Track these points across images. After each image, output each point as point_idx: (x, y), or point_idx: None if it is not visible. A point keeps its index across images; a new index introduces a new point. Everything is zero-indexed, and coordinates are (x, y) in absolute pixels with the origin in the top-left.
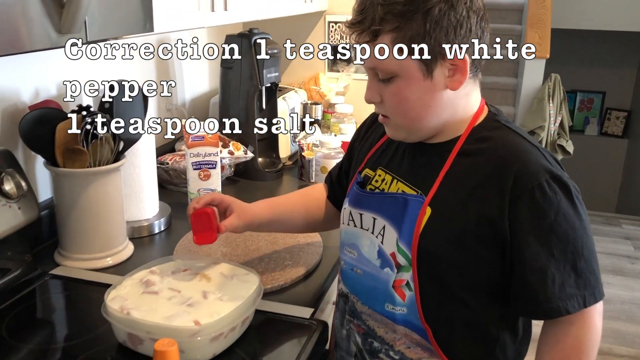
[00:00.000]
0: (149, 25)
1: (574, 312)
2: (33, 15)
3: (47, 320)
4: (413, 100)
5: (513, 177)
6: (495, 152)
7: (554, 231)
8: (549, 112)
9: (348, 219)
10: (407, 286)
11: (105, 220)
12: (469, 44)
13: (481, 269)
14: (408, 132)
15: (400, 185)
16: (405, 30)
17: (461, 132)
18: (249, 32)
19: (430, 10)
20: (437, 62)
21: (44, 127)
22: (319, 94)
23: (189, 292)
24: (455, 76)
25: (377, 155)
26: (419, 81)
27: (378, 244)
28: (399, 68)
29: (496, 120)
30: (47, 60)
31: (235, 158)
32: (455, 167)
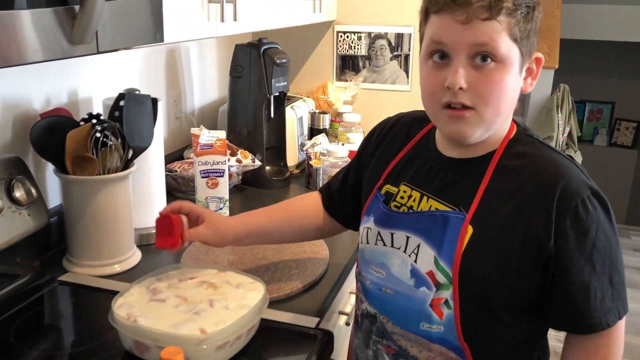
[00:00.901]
0: (159, 36)
1: (613, 325)
2: (45, 26)
3: (55, 327)
4: (509, 91)
5: (558, 194)
6: (536, 168)
7: (596, 246)
8: (557, 123)
9: (376, 238)
10: (446, 304)
11: (113, 227)
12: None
13: (522, 286)
14: (486, 128)
15: (433, 202)
16: (519, 19)
17: (495, 146)
18: (258, 42)
19: (536, 7)
20: (527, 60)
21: (55, 135)
22: (327, 103)
23: (196, 300)
24: (528, 79)
25: (397, 171)
26: (515, 73)
27: (411, 263)
28: (507, 53)
29: (529, 135)
30: (59, 68)
31: (243, 166)
32: (495, 184)
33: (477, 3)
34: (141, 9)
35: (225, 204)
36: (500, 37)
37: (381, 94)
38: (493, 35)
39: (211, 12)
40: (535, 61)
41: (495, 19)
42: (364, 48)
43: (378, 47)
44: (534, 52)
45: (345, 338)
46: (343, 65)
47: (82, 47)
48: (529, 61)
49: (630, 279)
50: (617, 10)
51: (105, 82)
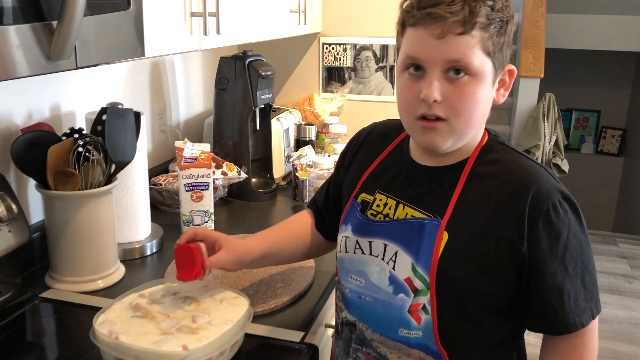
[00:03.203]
0: (140, 50)
1: (587, 325)
2: (22, 42)
3: (37, 344)
4: (482, 103)
5: (530, 199)
6: (508, 175)
7: (568, 249)
8: (544, 131)
9: (354, 247)
10: (424, 310)
11: (96, 242)
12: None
13: (498, 290)
14: (458, 139)
15: (409, 210)
16: (492, 33)
17: (468, 154)
18: (243, 54)
19: (509, 20)
20: (499, 72)
21: (36, 150)
22: (313, 114)
23: (178, 316)
24: (501, 90)
25: (372, 179)
26: (487, 86)
27: (389, 270)
28: (481, 66)
29: (500, 142)
30: (41, 82)
31: (228, 179)
32: (469, 191)
33: (452, 18)
34: (121, 24)
35: (210, 217)
36: (473, 51)
37: (367, 104)
38: (466, 50)
39: (194, 25)
40: (508, 73)
41: (469, 34)
42: (350, 59)
43: (363, 58)
44: (506, 65)
45: None
46: (329, 77)
47: (61, 63)
48: (502, 73)
49: (618, 286)
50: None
51: (88, 96)
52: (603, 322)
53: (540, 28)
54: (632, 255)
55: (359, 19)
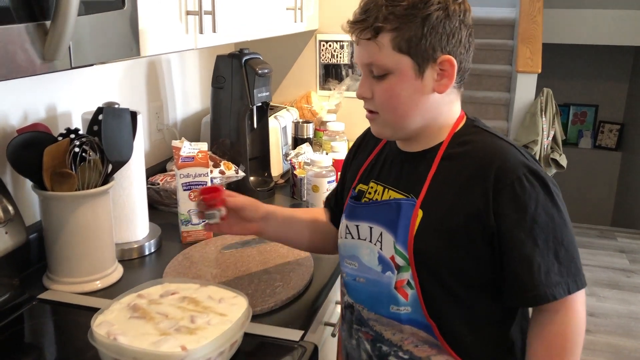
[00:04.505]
0: (135, 50)
1: (560, 298)
2: (16, 42)
3: (35, 346)
4: (403, 97)
5: (494, 173)
6: (476, 153)
7: (536, 222)
8: (541, 127)
9: (345, 232)
10: (409, 285)
11: (94, 243)
12: (457, 53)
13: (473, 264)
14: (393, 129)
15: (392, 193)
16: (405, 31)
17: (443, 138)
18: (240, 52)
19: (429, 16)
20: (428, 65)
21: (32, 151)
22: (311, 112)
23: (177, 317)
24: (443, 80)
25: (368, 170)
26: (410, 80)
27: (377, 251)
28: (395, 65)
29: (475, 125)
30: (36, 83)
31: (226, 178)
32: (441, 171)
33: (360, 26)
34: (116, 23)
35: None
36: (382, 53)
37: None
38: (375, 54)
39: (189, 24)
40: (446, 64)
41: (376, 38)
42: (347, 56)
43: None
44: (440, 55)
45: (332, 349)
46: (326, 74)
47: (55, 63)
48: (434, 65)
49: (617, 281)
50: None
51: (85, 96)
52: (602, 316)
53: (537, 23)
54: (631, 250)
55: None
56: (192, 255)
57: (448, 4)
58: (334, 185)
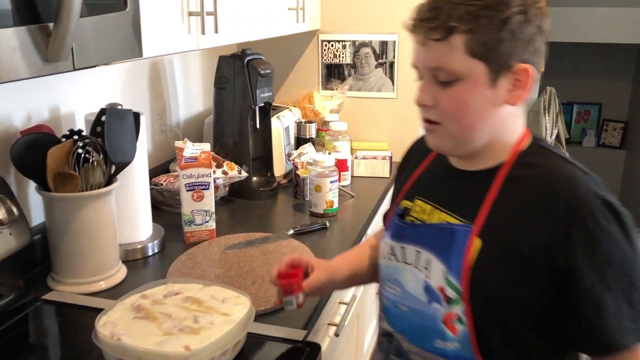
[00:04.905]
0: (138, 51)
1: (630, 347)
2: (19, 44)
3: (39, 346)
4: (473, 107)
5: (564, 204)
6: (543, 178)
7: (609, 261)
8: (545, 125)
9: (389, 253)
10: (459, 320)
11: (97, 244)
12: (533, 62)
13: (534, 302)
14: (455, 142)
15: (442, 215)
16: (481, 33)
17: (505, 157)
18: (242, 53)
19: (508, 19)
20: (503, 73)
21: (36, 152)
22: (313, 112)
23: (180, 317)
24: (517, 91)
25: (414, 185)
26: (482, 88)
27: (423, 279)
28: (467, 70)
29: (540, 145)
30: (40, 84)
31: (229, 178)
32: (502, 195)
33: (429, 25)
34: (118, 24)
35: (212, 216)
36: (453, 57)
37: (367, 101)
38: (444, 57)
39: (192, 25)
40: (522, 73)
41: (447, 40)
42: (349, 56)
43: (363, 55)
44: (516, 63)
45: (334, 349)
46: (329, 74)
47: (58, 65)
48: (509, 73)
49: None
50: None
51: (88, 97)
52: None
53: None
54: None
55: (358, 15)
56: (196, 256)
57: (528, 8)
58: (336, 185)
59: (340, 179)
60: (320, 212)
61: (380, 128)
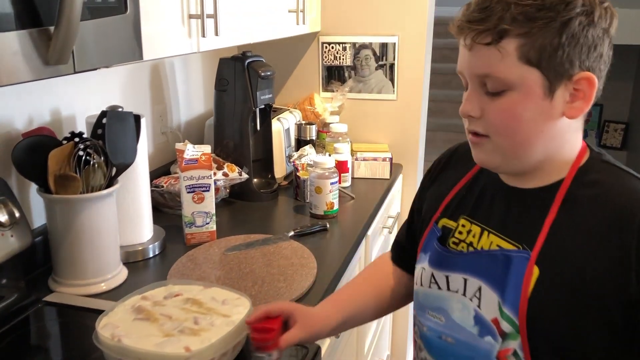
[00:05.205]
0: (138, 53)
1: None
2: (20, 47)
3: (41, 348)
4: (526, 119)
5: (637, 229)
6: (610, 198)
7: None
8: None
9: (429, 281)
10: (515, 356)
11: (98, 245)
12: (597, 70)
13: (602, 337)
14: (505, 158)
15: (495, 238)
16: (537, 38)
17: (563, 174)
18: (242, 55)
19: (570, 21)
20: (561, 82)
21: (37, 155)
22: (314, 113)
23: (180, 318)
24: (576, 103)
25: (456, 202)
26: (537, 99)
27: (474, 308)
28: (520, 79)
29: (603, 160)
30: (41, 87)
31: (230, 180)
32: (563, 217)
33: (478, 27)
34: (119, 28)
35: (212, 218)
36: (504, 64)
37: (367, 103)
38: (495, 63)
39: (192, 27)
40: (584, 82)
41: (498, 44)
42: (349, 58)
43: (363, 57)
44: (577, 72)
45: (335, 352)
46: (329, 76)
47: (59, 68)
48: (568, 83)
49: None
50: None
51: (89, 100)
52: None
53: None
54: None
55: (358, 17)
56: (196, 257)
57: (594, 8)
58: (337, 186)
59: (341, 180)
60: (321, 214)
61: (381, 130)
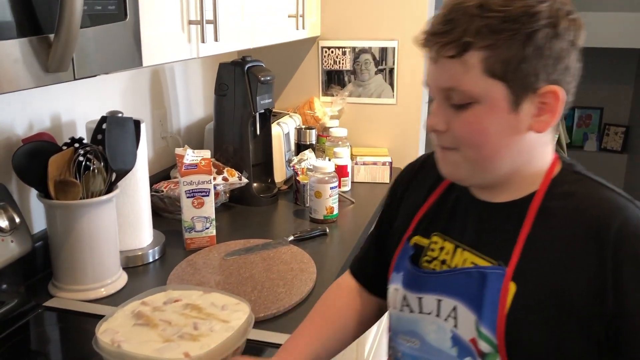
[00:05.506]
0: (137, 60)
1: None
2: (21, 55)
3: (41, 353)
4: (492, 133)
5: (612, 240)
6: (584, 211)
7: None
8: None
9: (401, 303)
10: None
11: (98, 251)
12: (563, 82)
13: (583, 352)
14: (473, 171)
15: (469, 255)
16: (502, 50)
17: (535, 187)
18: (242, 60)
19: (534, 34)
20: (527, 95)
21: (37, 160)
22: (314, 118)
23: (180, 324)
24: (543, 117)
25: (428, 218)
26: (503, 112)
27: (450, 329)
28: (484, 92)
29: (575, 171)
30: (42, 92)
31: (229, 184)
32: (538, 231)
33: (442, 39)
34: (119, 34)
35: (212, 223)
36: (469, 77)
37: (367, 107)
38: (459, 77)
39: (192, 33)
40: (550, 95)
41: (461, 57)
42: (349, 63)
43: (363, 61)
44: (543, 85)
45: None
46: (329, 80)
47: (59, 75)
48: (534, 96)
49: None
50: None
51: (89, 105)
52: None
53: None
54: None
55: (358, 22)
56: (196, 262)
57: (559, 20)
58: (336, 191)
59: (341, 184)
60: (320, 218)
61: (380, 134)
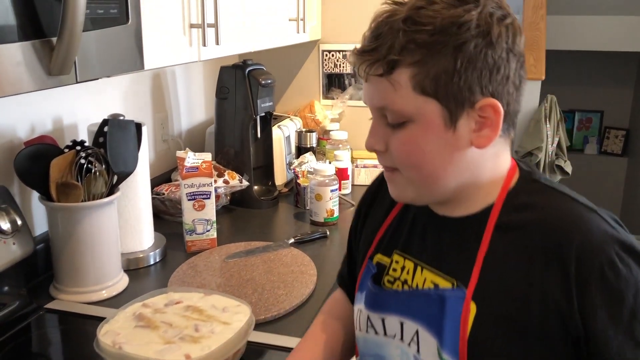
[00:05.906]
0: (139, 63)
1: None
2: (23, 59)
3: (42, 355)
4: (429, 152)
5: (575, 254)
6: (544, 223)
7: (636, 316)
8: (546, 133)
9: (367, 325)
10: None
11: (99, 253)
12: (503, 94)
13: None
14: (418, 190)
15: (429, 274)
16: (430, 66)
17: (492, 199)
18: (243, 63)
19: (464, 45)
20: (463, 111)
21: (39, 163)
22: (314, 121)
23: (181, 325)
24: (484, 131)
25: (388, 235)
26: (438, 131)
27: (413, 355)
28: (416, 111)
29: (534, 180)
30: (43, 95)
31: (230, 187)
32: (497, 247)
33: (369, 58)
34: (121, 38)
35: (213, 225)
36: (399, 95)
37: (368, 110)
38: (389, 95)
39: (193, 37)
40: (489, 109)
41: (390, 75)
42: (350, 66)
43: None
44: (479, 98)
45: None
46: (329, 84)
47: (61, 78)
48: (470, 110)
49: None
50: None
51: (91, 108)
52: None
53: (540, 30)
54: None
55: (358, 25)
56: (197, 265)
57: (491, 27)
58: (337, 194)
59: (341, 187)
60: (321, 221)
61: None
